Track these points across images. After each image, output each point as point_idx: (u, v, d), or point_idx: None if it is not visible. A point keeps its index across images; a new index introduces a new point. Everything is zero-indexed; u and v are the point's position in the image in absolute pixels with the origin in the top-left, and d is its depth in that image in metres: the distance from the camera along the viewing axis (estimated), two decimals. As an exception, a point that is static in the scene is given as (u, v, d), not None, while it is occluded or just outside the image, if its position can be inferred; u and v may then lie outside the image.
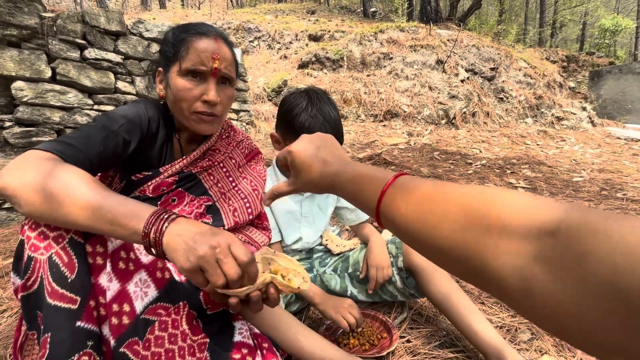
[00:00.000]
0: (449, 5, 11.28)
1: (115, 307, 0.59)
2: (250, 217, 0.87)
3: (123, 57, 2.59)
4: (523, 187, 2.40)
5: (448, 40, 6.36)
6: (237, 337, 0.66)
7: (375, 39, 6.08)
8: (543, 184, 2.52)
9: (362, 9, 12.90)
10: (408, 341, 0.92)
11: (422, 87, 5.29)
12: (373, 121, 4.92)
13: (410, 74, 5.43)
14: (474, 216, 0.26)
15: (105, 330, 0.58)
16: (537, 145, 4.45)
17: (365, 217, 1.13)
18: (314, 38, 6.86)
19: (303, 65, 5.72)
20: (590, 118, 5.94)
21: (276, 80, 5.08)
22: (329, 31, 6.93)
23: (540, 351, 0.87)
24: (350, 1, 16.46)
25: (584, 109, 6.14)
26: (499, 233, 0.24)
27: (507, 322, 0.97)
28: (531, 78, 6.46)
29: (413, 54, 5.78)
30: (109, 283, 0.59)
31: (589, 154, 4.00)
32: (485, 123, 5.09)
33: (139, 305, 0.59)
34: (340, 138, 0.96)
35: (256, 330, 0.71)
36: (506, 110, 5.60)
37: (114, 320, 0.58)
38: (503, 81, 6.02)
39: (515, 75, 6.38)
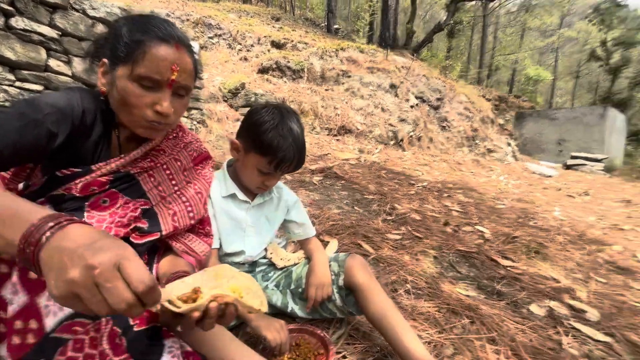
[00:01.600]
0: (405, 35, 12.15)
1: (18, 324, 0.51)
2: (192, 221, 0.82)
3: (60, 33, 2.32)
4: (457, 211, 2.63)
5: (402, 67, 6.83)
6: (166, 357, 0.61)
7: (336, 55, 6.29)
8: (473, 209, 2.79)
9: (326, 24, 13.27)
10: (344, 357, 0.94)
11: (375, 108, 5.56)
12: (327, 135, 5.03)
13: (366, 94, 5.70)
14: None
15: (3, 351, 0.50)
16: (471, 172, 4.94)
17: (313, 232, 1.14)
18: (277, 45, 6.86)
19: (263, 71, 5.66)
20: (513, 153, 6.78)
21: (234, 82, 4.95)
22: (292, 41, 6.99)
23: (460, 366, 0.94)
24: (315, 15, 16.84)
25: (509, 144, 7.00)
26: None
27: (434, 338, 1.05)
28: (469, 112, 7.20)
29: (370, 76, 6.08)
30: (12, 295, 0.51)
31: (511, 185, 4.55)
32: (428, 147, 5.52)
33: (50, 322, 0.52)
34: (303, 160, 0.97)
35: (188, 349, 0.67)
36: (447, 138, 6.14)
37: (15, 340, 0.50)
38: (447, 111, 6.62)
39: (457, 107, 7.06)
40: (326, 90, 5.62)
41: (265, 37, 6.91)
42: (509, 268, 1.68)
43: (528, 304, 1.36)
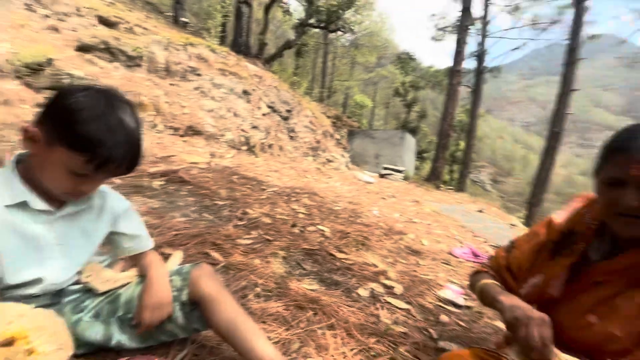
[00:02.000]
0: (258, 45, 12.48)
1: None
2: None
3: None
4: (303, 213, 2.87)
5: (255, 75, 6.96)
6: None
7: (185, 50, 5.77)
8: (316, 210, 3.11)
9: (173, 14, 11.99)
10: (187, 381, 0.84)
11: (227, 112, 5.42)
12: (172, 134, 4.51)
13: (217, 96, 5.48)
14: None
15: None
16: (314, 178, 5.53)
17: (149, 244, 0.98)
18: (106, 22, 5.65)
19: (85, 49, 4.53)
20: (346, 163, 8.06)
21: (34, 54, 3.72)
22: (128, 22, 5.92)
23: (305, 356, 1.02)
24: (159, 1, 14.93)
25: (343, 156, 8.28)
26: None
27: (282, 337, 1.09)
28: (314, 125, 8.09)
29: (222, 78, 5.89)
30: None
31: (344, 189, 5.37)
32: (279, 155, 5.82)
33: None
34: (137, 161, 0.77)
35: None
36: (295, 147, 6.67)
37: None
38: (295, 122, 7.19)
39: (303, 120, 7.78)
40: (171, 85, 5.05)
41: (88, 8, 5.56)
42: (343, 260, 1.96)
43: (357, 288, 1.62)
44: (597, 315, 0.84)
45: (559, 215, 1.02)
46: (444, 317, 1.50)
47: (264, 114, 6.17)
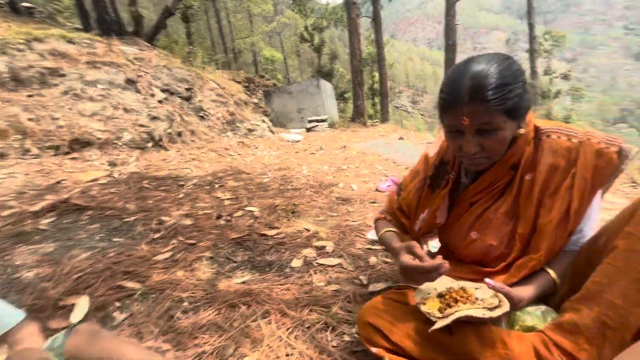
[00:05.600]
0: (132, 19, 10.66)
1: None
2: None
3: None
4: (228, 199, 2.75)
5: (135, 58, 6.04)
6: None
7: (30, 48, 4.68)
8: (243, 191, 3.01)
9: (8, 1, 9.44)
10: None
11: (115, 110, 4.71)
12: (54, 155, 3.83)
13: (96, 95, 4.68)
14: None
15: None
16: (239, 154, 5.29)
17: (14, 320, 0.83)
18: None
19: None
20: (269, 127, 7.81)
21: None
22: None
23: (241, 357, 1.02)
24: (-24, -14, 11.53)
25: (264, 120, 7.98)
26: None
27: (216, 345, 1.06)
28: (223, 97, 7.52)
29: (94, 72, 5.00)
30: None
31: (272, 156, 5.26)
32: (193, 141, 5.37)
33: None
34: None
35: None
36: (209, 126, 6.19)
37: None
38: (200, 100, 6.58)
39: (209, 95, 7.16)
40: (29, 96, 4.15)
41: None
42: (275, 236, 1.96)
43: (290, 261, 1.64)
44: (476, 231, 0.96)
45: (431, 150, 1.09)
46: (372, 259, 1.62)
47: (160, 101, 5.51)
